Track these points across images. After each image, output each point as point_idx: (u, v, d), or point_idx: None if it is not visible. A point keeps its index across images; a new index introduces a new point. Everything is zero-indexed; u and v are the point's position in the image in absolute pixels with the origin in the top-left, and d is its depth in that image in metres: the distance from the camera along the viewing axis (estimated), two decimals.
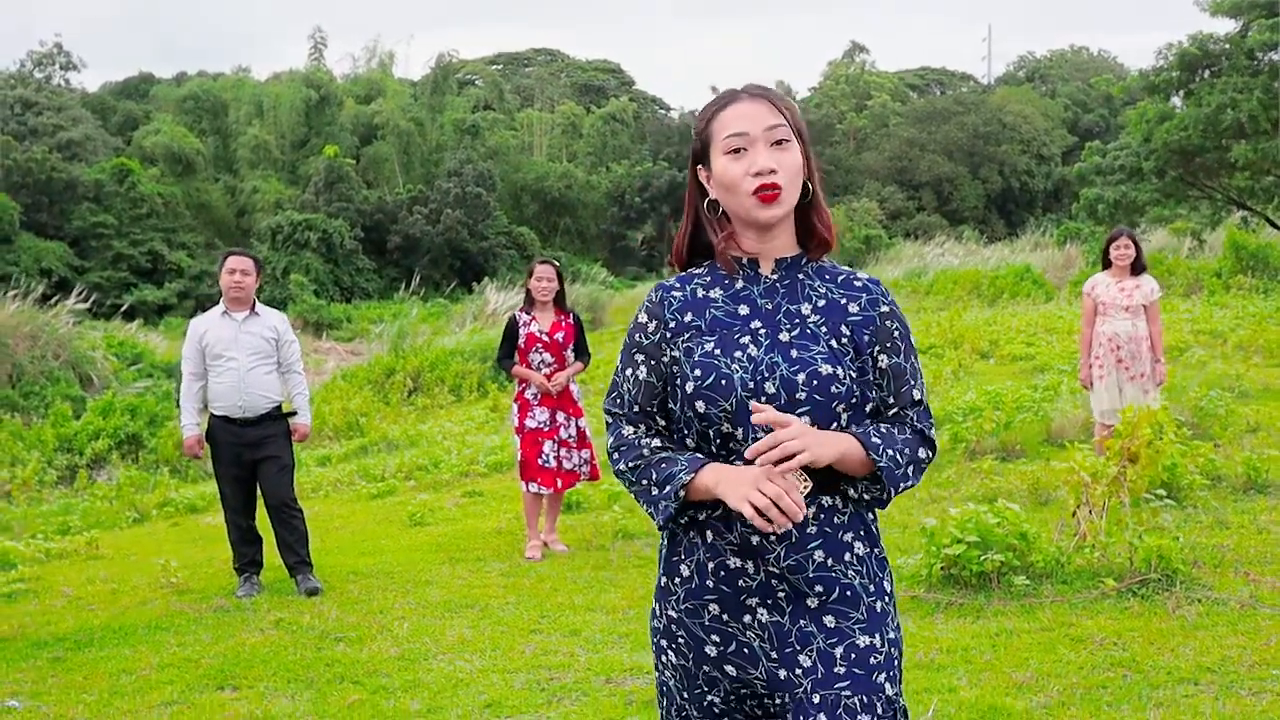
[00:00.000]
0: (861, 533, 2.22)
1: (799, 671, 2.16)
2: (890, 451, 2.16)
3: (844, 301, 2.24)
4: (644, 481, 2.20)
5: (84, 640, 5.76)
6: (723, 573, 2.18)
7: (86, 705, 4.76)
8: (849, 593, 2.19)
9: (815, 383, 2.14)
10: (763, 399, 2.13)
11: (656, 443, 2.23)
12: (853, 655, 2.16)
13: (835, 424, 2.16)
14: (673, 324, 2.24)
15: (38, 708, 4.75)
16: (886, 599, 2.25)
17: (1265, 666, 4.44)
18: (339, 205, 46.92)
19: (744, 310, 2.22)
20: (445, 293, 42.26)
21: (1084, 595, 5.42)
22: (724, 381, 2.15)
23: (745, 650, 2.19)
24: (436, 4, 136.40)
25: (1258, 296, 20.18)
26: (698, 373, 2.17)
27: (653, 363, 2.25)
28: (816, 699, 2.14)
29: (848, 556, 2.19)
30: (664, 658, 2.29)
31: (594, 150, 55.01)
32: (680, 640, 2.24)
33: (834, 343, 2.19)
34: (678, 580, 2.24)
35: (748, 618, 2.19)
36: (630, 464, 2.23)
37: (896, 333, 2.26)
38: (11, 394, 19.17)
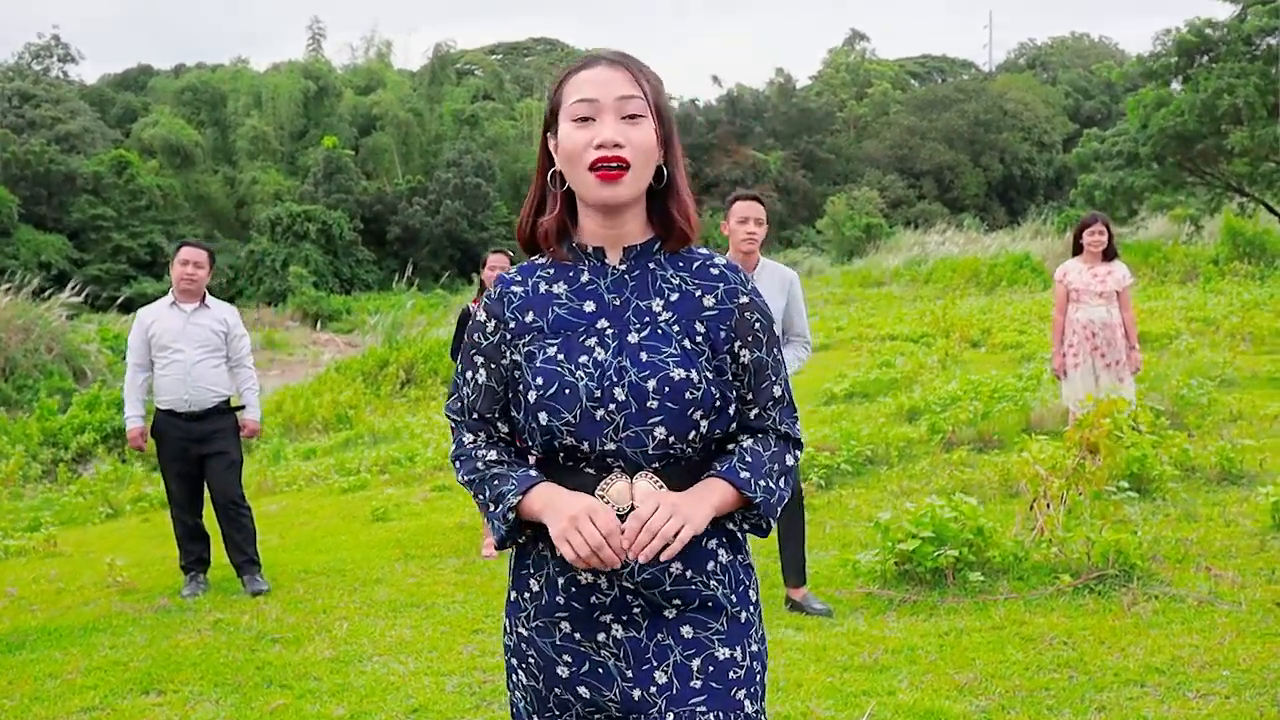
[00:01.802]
0: (724, 539, 2.06)
1: (654, 690, 1.99)
2: (763, 481, 2.01)
3: (699, 294, 2.04)
4: (480, 497, 2.05)
5: (16, 643, 5.62)
6: (574, 589, 2.02)
7: (3, 712, 4.62)
8: (710, 603, 2.02)
9: (667, 389, 1.95)
10: (611, 407, 1.95)
11: (493, 455, 2.06)
12: (710, 669, 2.00)
13: (694, 432, 1.97)
14: (513, 324, 2.05)
15: None
16: (751, 609, 2.08)
17: (1216, 667, 4.28)
18: (338, 196, 46.86)
19: (590, 307, 2.03)
20: (444, 283, 42.16)
21: (1039, 592, 5.26)
22: (568, 391, 1.96)
23: (599, 670, 2.03)
24: None
25: (1253, 283, 19.99)
26: (539, 381, 1.98)
27: (492, 366, 2.06)
28: (670, 718, 1.99)
29: (710, 566, 2.02)
30: (514, 677, 2.13)
31: None
32: (530, 660, 2.08)
33: (687, 342, 2.00)
34: (527, 596, 2.08)
35: (602, 635, 2.02)
36: (467, 477, 2.08)
37: (757, 324, 2.07)
38: (4, 387, 19.09)
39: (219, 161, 51.38)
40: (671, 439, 1.96)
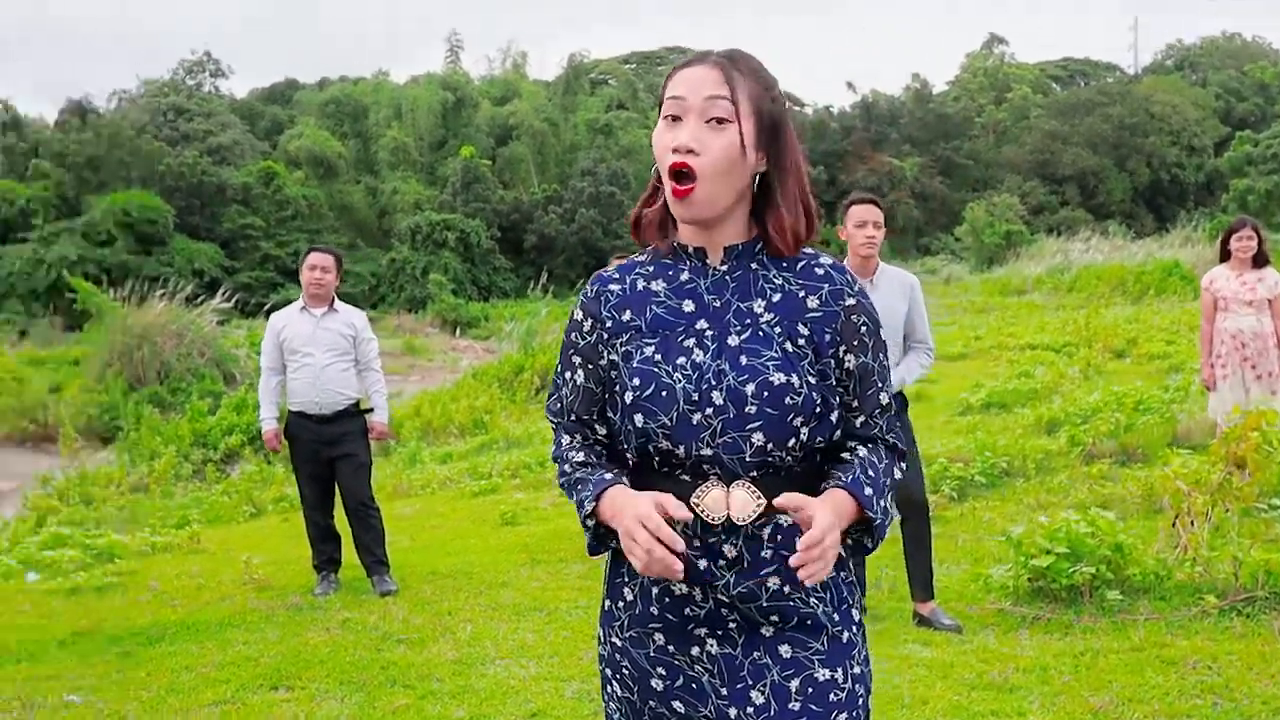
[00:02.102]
0: None
1: (750, 710, 1.92)
2: (881, 501, 1.94)
3: (802, 295, 1.96)
4: (572, 501, 2.02)
5: (156, 636, 5.80)
6: (668, 599, 1.96)
7: (141, 702, 4.76)
8: (809, 621, 1.94)
9: (766, 394, 1.88)
10: (708, 411, 1.88)
11: (580, 457, 2.02)
12: (810, 690, 1.92)
13: (794, 439, 1.89)
14: (609, 323, 2.00)
15: (95, 703, 4.78)
16: (854, 629, 1.99)
17: None
18: (476, 205, 47.64)
19: (689, 307, 1.96)
20: (578, 290, 42.56)
21: (1182, 613, 5.03)
22: (665, 393, 1.90)
23: (694, 685, 1.97)
24: (571, 6, 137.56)
25: None
26: (636, 381, 1.92)
27: (589, 366, 2.02)
28: None
29: (809, 582, 1.96)
30: (609, 688, 2.08)
31: None
32: (625, 671, 2.03)
33: (789, 345, 1.92)
34: (621, 605, 2.03)
35: (696, 649, 1.96)
36: (561, 480, 2.06)
37: (863, 328, 1.98)
38: (160, 390, 19.87)
39: (361, 172, 52.67)
40: (770, 446, 1.89)
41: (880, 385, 2.01)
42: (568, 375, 2.06)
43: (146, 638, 5.78)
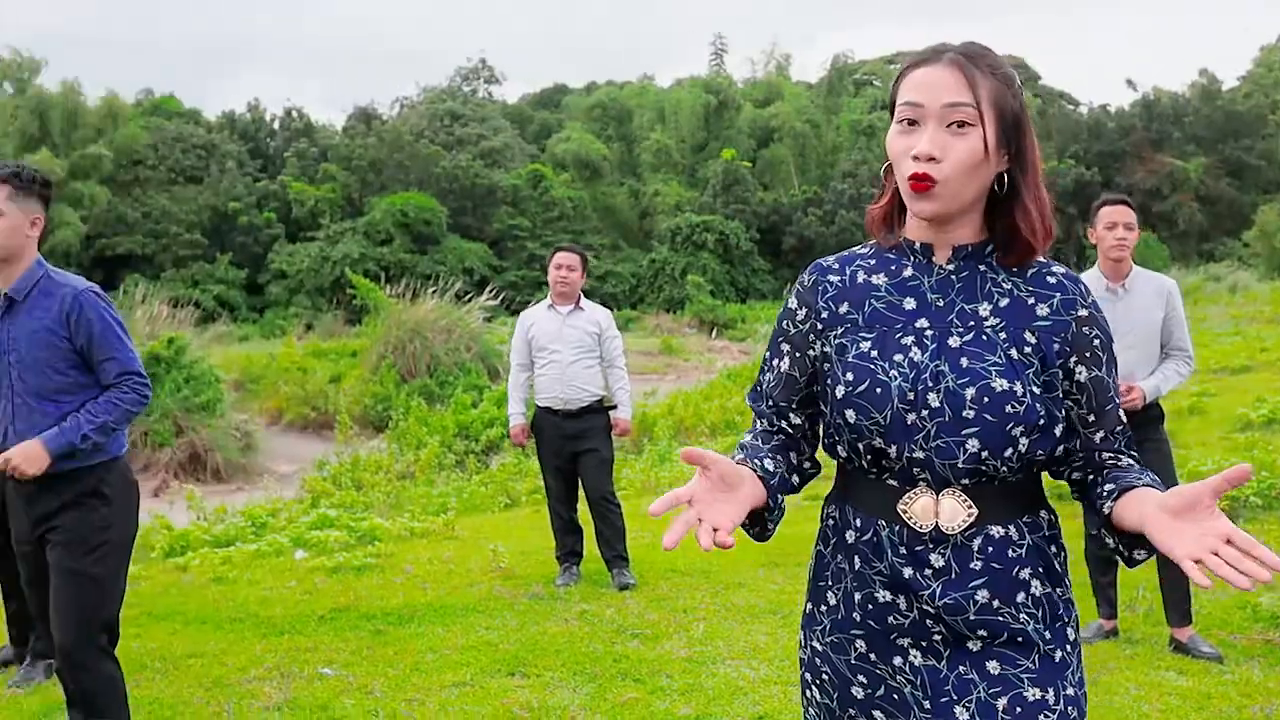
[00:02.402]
0: (1041, 569, 1.87)
1: None
2: None
3: (1031, 301, 1.87)
4: None
5: (406, 616, 6.06)
6: (870, 606, 1.90)
7: (387, 679, 4.99)
8: (1020, 638, 1.84)
9: (986, 399, 1.79)
10: (923, 413, 1.82)
11: (747, 439, 2.00)
12: (1018, 709, 1.81)
13: (1011, 449, 1.81)
14: (825, 314, 1.96)
15: (345, 676, 5.03)
16: (1069, 649, 1.88)
17: None
18: (736, 207, 47.95)
19: (911, 304, 1.90)
20: None
21: None
22: (879, 390, 1.84)
23: (894, 697, 1.90)
24: (836, 6, 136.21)
25: None
26: (850, 376, 1.87)
27: (797, 355, 1.98)
28: None
29: (1020, 598, 1.85)
30: (809, 693, 2.03)
31: None
32: (824, 677, 1.98)
33: (1014, 352, 1.83)
34: (824, 609, 1.99)
35: (898, 660, 1.89)
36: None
37: (1096, 341, 1.88)
38: (428, 383, 20.86)
39: (624, 174, 53.83)
40: (984, 454, 1.81)
41: (1115, 401, 1.92)
42: (775, 362, 2.03)
43: (398, 617, 6.06)
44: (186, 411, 16.87)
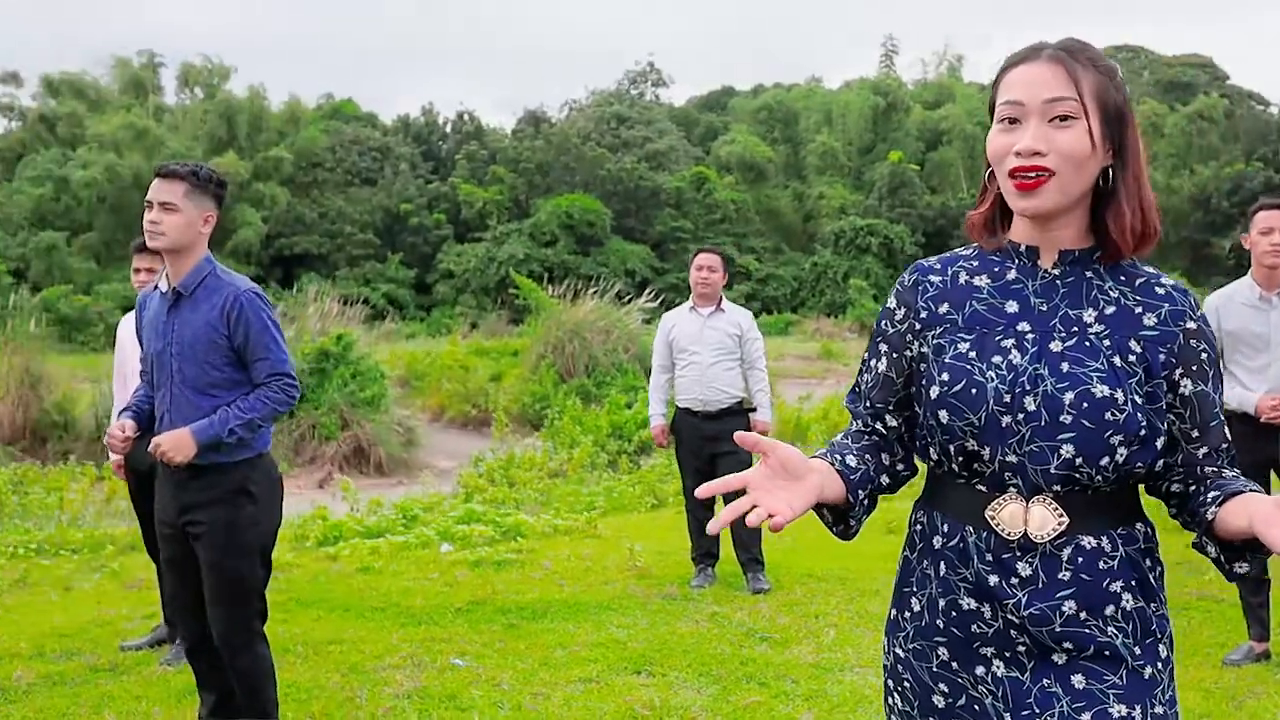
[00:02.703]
0: (1133, 583, 1.81)
1: None
2: None
3: (1139, 310, 1.83)
4: None
5: (540, 611, 6.16)
6: (954, 613, 1.87)
7: (516, 672, 5.08)
8: (1107, 652, 1.79)
9: (1086, 405, 1.75)
10: (1019, 416, 1.78)
11: (839, 438, 1.99)
12: None
13: (1107, 458, 1.76)
14: (924, 314, 1.93)
15: (475, 668, 5.14)
16: (1159, 666, 1.82)
17: None
18: (901, 211, 47.29)
19: (1013, 307, 1.86)
20: None
21: None
22: (975, 391, 1.81)
23: (976, 707, 1.86)
24: (1014, 4, 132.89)
25: None
26: (945, 376, 1.84)
27: (894, 355, 1.96)
28: None
29: (1109, 610, 1.79)
30: (890, 700, 2.02)
31: (1176, 151, 50.92)
32: (906, 683, 1.96)
33: (1118, 360, 1.79)
34: (908, 615, 1.97)
35: (981, 669, 1.85)
36: None
37: (1204, 355, 1.84)
38: (586, 383, 21.11)
39: (789, 177, 53.53)
40: (1079, 461, 1.76)
41: (1221, 419, 1.86)
42: (872, 363, 2.01)
43: (532, 612, 6.16)
44: (352, 406, 17.40)
